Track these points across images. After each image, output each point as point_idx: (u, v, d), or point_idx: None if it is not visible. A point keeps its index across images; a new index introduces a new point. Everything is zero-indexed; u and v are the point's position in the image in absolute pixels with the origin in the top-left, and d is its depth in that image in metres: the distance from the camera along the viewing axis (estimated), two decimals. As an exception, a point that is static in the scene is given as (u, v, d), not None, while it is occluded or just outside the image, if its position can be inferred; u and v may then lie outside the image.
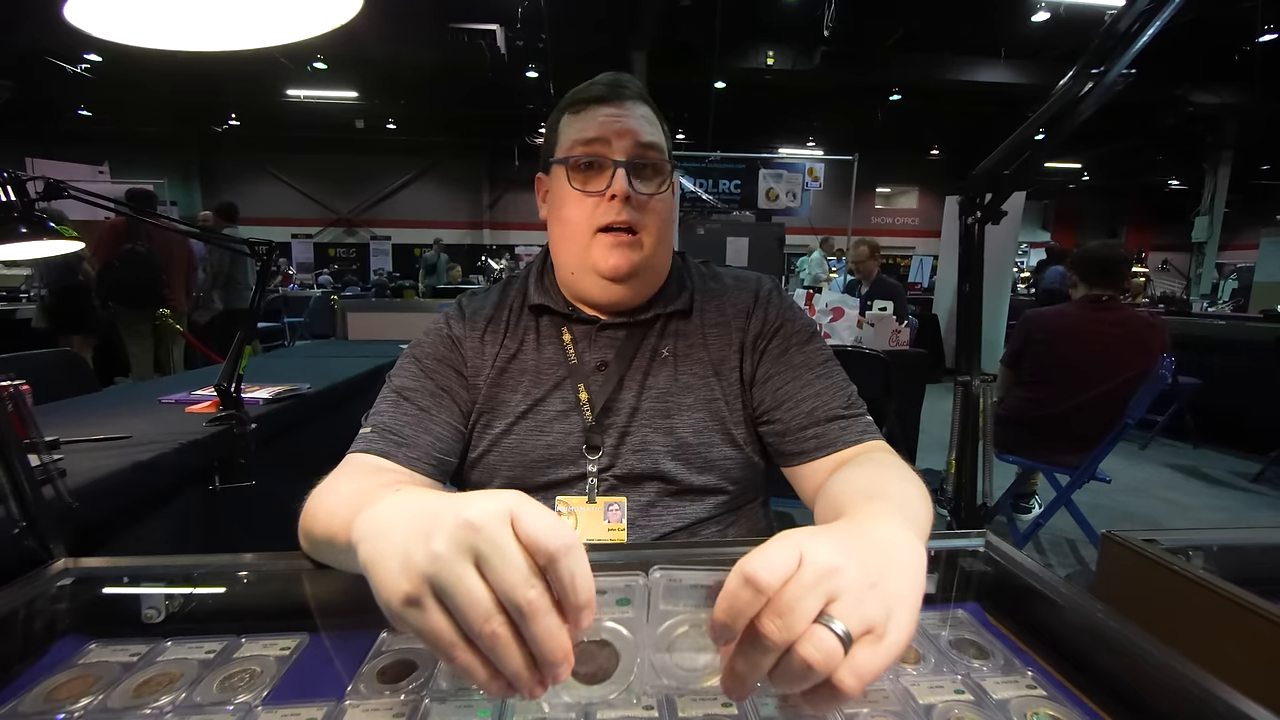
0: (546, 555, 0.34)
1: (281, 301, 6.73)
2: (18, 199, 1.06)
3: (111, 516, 1.12)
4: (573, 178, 0.77)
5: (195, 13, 0.56)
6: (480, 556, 0.34)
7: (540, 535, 0.34)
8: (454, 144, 14.00)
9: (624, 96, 0.78)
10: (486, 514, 0.34)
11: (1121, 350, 2.28)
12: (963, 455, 0.84)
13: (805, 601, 0.34)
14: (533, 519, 0.34)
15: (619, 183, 0.75)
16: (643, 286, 0.81)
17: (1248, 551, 0.82)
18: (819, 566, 0.35)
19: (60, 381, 1.92)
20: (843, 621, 0.34)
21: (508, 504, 0.35)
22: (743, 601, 0.35)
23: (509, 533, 0.34)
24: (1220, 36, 7.53)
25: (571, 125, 0.78)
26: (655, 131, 0.79)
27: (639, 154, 0.76)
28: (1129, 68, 0.64)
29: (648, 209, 0.77)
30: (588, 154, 0.76)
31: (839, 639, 0.34)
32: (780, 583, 0.34)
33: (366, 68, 9.35)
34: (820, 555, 0.35)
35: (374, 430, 0.74)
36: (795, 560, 0.35)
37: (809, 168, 7.32)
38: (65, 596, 0.62)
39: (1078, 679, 0.53)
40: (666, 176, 0.79)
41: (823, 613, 0.34)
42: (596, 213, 0.76)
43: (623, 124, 0.76)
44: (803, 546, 0.35)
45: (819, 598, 0.34)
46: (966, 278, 0.83)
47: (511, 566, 0.34)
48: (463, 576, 0.34)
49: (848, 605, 0.35)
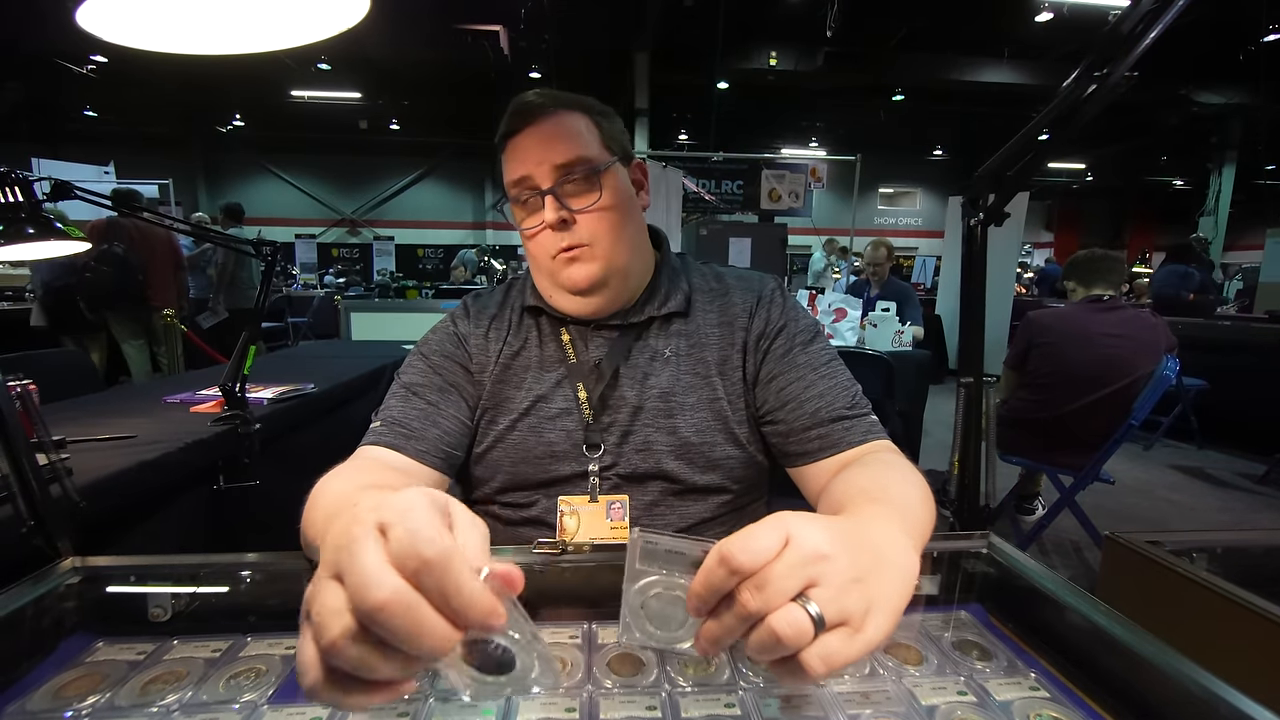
0: (415, 568, 0.30)
1: (285, 302, 6.75)
2: (25, 199, 1.07)
3: (117, 515, 1.12)
4: (517, 215, 0.80)
5: (205, 17, 0.56)
6: (340, 572, 0.31)
7: (403, 549, 0.30)
8: (457, 144, 14.02)
9: (537, 117, 0.76)
10: (348, 533, 0.32)
11: (1125, 351, 2.27)
12: (965, 456, 0.84)
13: (786, 580, 0.35)
14: (397, 529, 0.31)
15: (549, 212, 0.75)
16: (616, 292, 0.81)
17: (1252, 553, 0.82)
18: (806, 550, 0.36)
19: (66, 381, 1.93)
20: (820, 607, 0.35)
21: (380, 517, 0.32)
22: (718, 579, 0.36)
23: (370, 548, 0.30)
24: (1225, 36, 7.51)
25: (504, 163, 0.80)
26: (579, 142, 0.76)
27: (562, 175, 0.75)
28: (1133, 69, 0.64)
29: (590, 222, 0.76)
30: (518, 192, 0.78)
31: (811, 620, 0.34)
32: (756, 566, 0.35)
33: (370, 68, 9.38)
34: (809, 539, 0.36)
35: (383, 424, 0.75)
36: (778, 544, 0.36)
37: (812, 168, 7.32)
38: (72, 595, 0.63)
39: (1081, 680, 0.53)
40: (603, 183, 0.76)
41: (802, 594, 0.35)
42: (545, 241, 0.77)
43: (539, 151, 0.75)
44: (791, 529, 0.36)
45: (800, 579, 0.35)
46: (969, 279, 0.83)
47: (361, 575, 0.30)
48: (320, 591, 0.31)
49: (828, 593, 0.35)
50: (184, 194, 11.99)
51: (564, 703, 0.51)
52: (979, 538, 0.69)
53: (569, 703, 0.51)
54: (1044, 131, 0.71)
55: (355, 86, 10.61)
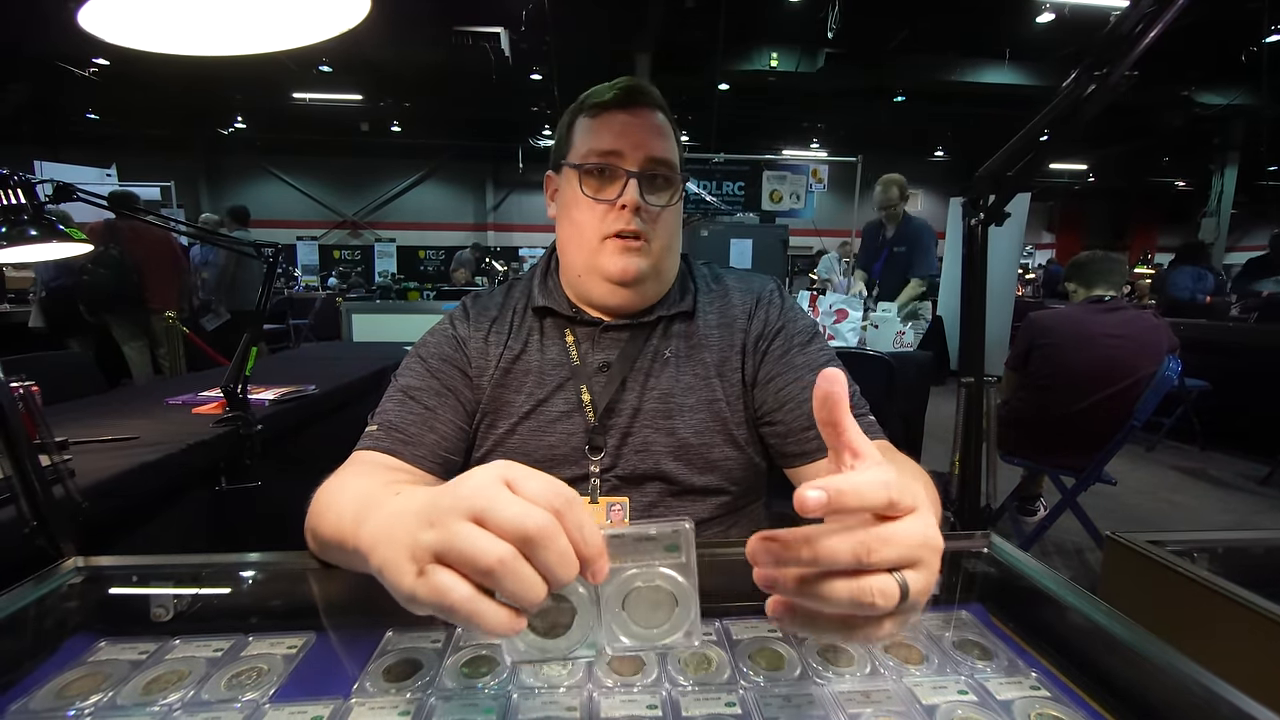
0: (550, 510, 0.35)
1: (287, 304, 6.76)
2: (27, 201, 1.07)
3: (120, 516, 1.13)
4: (585, 183, 0.78)
5: (206, 18, 0.57)
6: (478, 515, 0.34)
7: (539, 493, 0.35)
8: (458, 146, 14.03)
9: (641, 104, 0.78)
10: (480, 482, 0.36)
11: (1126, 352, 2.27)
12: (966, 457, 0.84)
13: (913, 550, 0.35)
14: (529, 480, 0.36)
15: (630, 194, 0.75)
16: (648, 291, 0.82)
17: (1253, 553, 0.82)
18: (934, 538, 0.36)
19: (68, 383, 1.93)
20: (912, 584, 0.35)
21: (499, 471, 0.36)
22: (872, 498, 0.35)
23: (504, 490, 0.35)
24: (1227, 36, 7.49)
25: (586, 129, 0.79)
26: (669, 145, 0.79)
27: (652, 167, 0.77)
28: (1133, 68, 0.64)
29: (657, 219, 0.78)
30: (601, 163, 0.77)
31: (900, 593, 0.35)
32: (901, 509, 0.35)
33: (371, 71, 9.38)
34: (934, 529, 0.37)
35: (380, 428, 0.75)
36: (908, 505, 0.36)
37: (813, 169, 7.30)
38: (75, 595, 0.63)
39: (1081, 680, 0.53)
40: (677, 189, 0.80)
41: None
42: (607, 220, 0.77)
43: (638, 135, 0.76)
44: (903, 498, 0.36)
45: (915, 558, 0.35)
46: (970, 279, 0.83)
47: (514, 508, 0.34)
48: (462, 530, 0.34)
49: (922, 583, 0.36)
50: (186, 196, 12.02)
51: (564, 701, 0.51)
52: (980, 537, 0.69)
53: (569, 702, 0.51)
54: (1044, 132, 0.71)
55: (356, 89, 10.62)
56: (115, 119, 11.47)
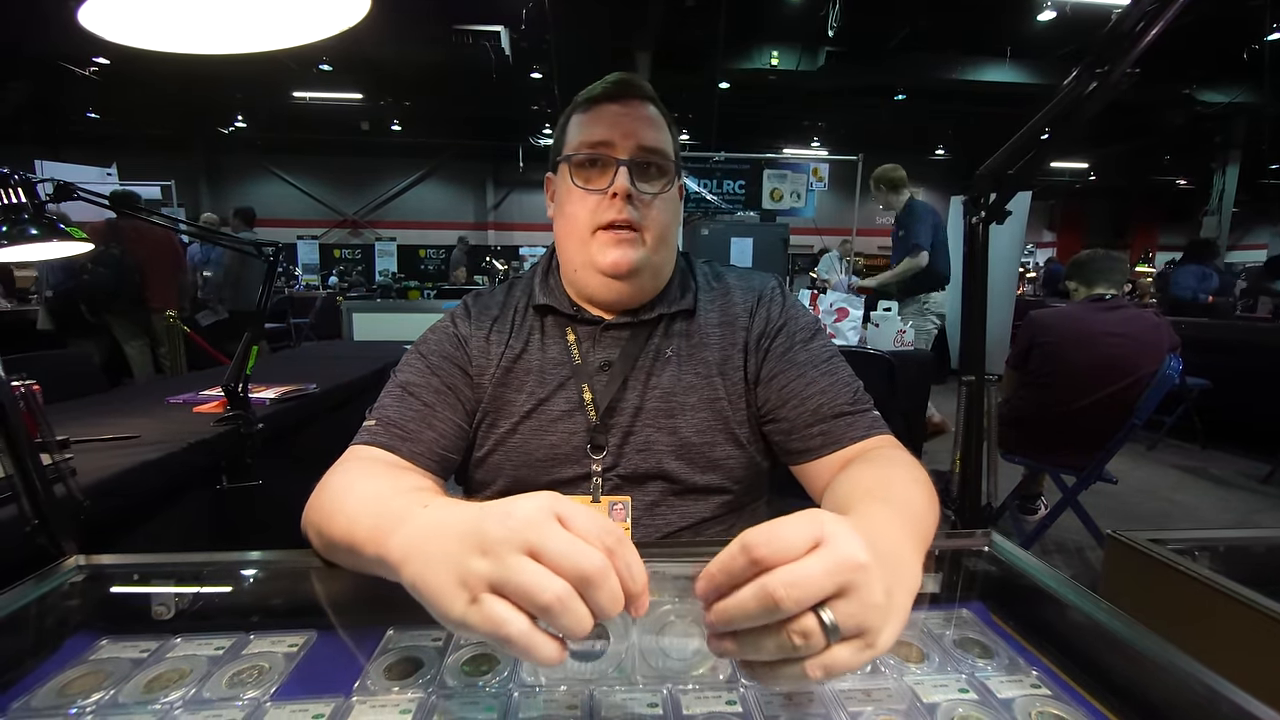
0: (602, 549, 0.36)
1: (288, 303, 6.76)
2: (28, 201, 1.07)
3: (121, 515, 1.13)
4: (576, 175, 0.78)
5: (206, 16, 0.57)
6: (533, 549, 0.35)
7: (591, 531, 0.36)
8: (459, 145, 14.03)
9: (632, 95, 0.79)
10: (532, 513, 0.36)
11: (1128, 350, 2.26)
12: (967, 456, 0.84)
13: (821, 582, 0.35)
14: (579, 517, 0.37)
15: (620, 181, 0.75)
16: (644, 285, 0.81)
17: (1254, 552, 0.82)
18: (843, 556, 0.35)
19: (70, 382, 1.94)
20: (840, 619, 0.35)
21: (549, 505, 0.37)
22: (737, 565, 0.36)
23: (558, 526, 0.36)
24: (1228, 34, 7.48)
25: (579, 124, 0.79)
26: (661, 134, 0.79)
27: (643, 155, 0.77)
28: (1134, 67, 0.64)
29: (650, 208, 0.78)
30: (591, 153, 0.77)
31: (824, 631, 0.34)
32: (777, 560, 0.35)
33: (371, 70, 9.38)
34: (847, 546, 0.36)
35: (378, 423, 0.74)
36: (807, 542, 0.36)
37: (813, 168, 7.29)
38: (77, 593, 0.63)
39: (1082, 679, 0.53)
40: (670, 178, 0.80)
41: (823, 601, 0.35)
42: (599, 210, 0.77)
43: (628, 124, 0.77)
44: (828, 530, 0.36)
45: (833, 585, 0.35)
46: (971, 278, 0.83)
47: (568, 547, 0.35)
48: (520, 564, 0.35)
49: (852, 607, 0.35)
50: (186, 195, 12.02)
51: (565, 700, 0.51)
52: (980, 536, 0.69)
53: (570, 701, 0.51)
54: (1045, 130, 0.71)
55: (357, 88, 10.61)
56: (116, 118, 11.46)
